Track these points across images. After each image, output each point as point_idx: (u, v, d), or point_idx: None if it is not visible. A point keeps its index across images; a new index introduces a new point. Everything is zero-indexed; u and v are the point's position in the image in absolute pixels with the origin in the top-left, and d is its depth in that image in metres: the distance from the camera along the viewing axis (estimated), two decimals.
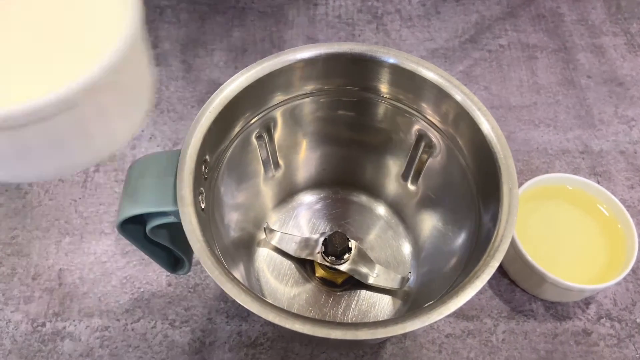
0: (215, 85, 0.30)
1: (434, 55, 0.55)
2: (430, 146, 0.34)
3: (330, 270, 0.37)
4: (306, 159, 0.39)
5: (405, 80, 0.32)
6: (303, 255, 0.38)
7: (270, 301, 0.25)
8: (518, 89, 0.53)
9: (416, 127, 0.34)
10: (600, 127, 0.50)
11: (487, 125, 0.29)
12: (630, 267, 0.37)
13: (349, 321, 0.37)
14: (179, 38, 0.55)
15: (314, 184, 0.42)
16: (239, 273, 0.34)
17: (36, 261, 0.42)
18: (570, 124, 0.51)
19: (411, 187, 0.38)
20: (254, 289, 0.36)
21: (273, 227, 0.40)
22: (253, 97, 0.32)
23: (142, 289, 0.41)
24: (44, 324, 0.39)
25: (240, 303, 0.24)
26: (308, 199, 0.42)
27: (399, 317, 0.24)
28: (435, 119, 0.33)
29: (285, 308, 0.25)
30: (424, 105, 0.33)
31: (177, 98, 0.51)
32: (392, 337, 0.39)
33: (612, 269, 0.38)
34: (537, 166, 0.48)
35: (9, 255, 0.42)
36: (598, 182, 0.46)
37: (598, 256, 0.40)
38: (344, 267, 0.37)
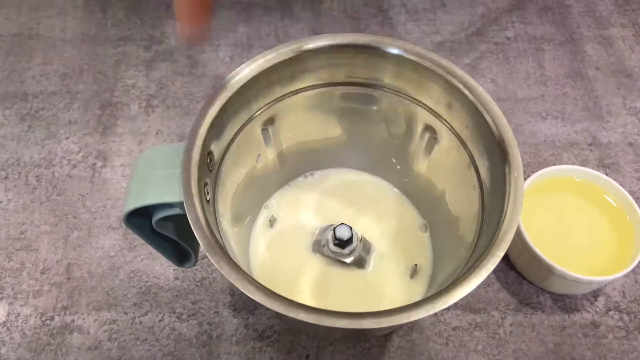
0: (221, 81, 0.31)
1: (440, 49, 0.55)
2: (435, 137, 0.34)
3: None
4: (310, 150, 0.39)
5: (410, 70, 0.32)
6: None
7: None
8: (525, 81, 0.53)
9: (421, 117, 0.34)
10: (608, 119, 0.50)
11: (492, 114, 0.29)
12: (638, 259, 0.37)
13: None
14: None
15: (319, 174, 0.42)
16: (243, 264, 0.34)
17: (45, 256, 0.42)
18: (578, 116, 0.50)
19: (416, 177, 0.38)
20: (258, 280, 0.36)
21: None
22: (257, 89, 0.32)
23: (149, 283, 0.41)
24: (52, 318, 0.40)
25: (246, 293, 0.24)
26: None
27: (403, 306, 0.24)
28: (439, 110, 0.32)
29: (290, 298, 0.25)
30: (428, 95, 0.32)
31: (183, 93, 0.51)
32: (398, 329, 0.39)
33: (621, 260, 0.38)
34: (544, 158, 0.48)
35: (17, 250, 0.43)
36: (606, 174, 0.46)
37: (606, 248, 0.39)
38: (349, 260, 0.37)
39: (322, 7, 0.58)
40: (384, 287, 0.38)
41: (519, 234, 0.38)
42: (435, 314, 0.40)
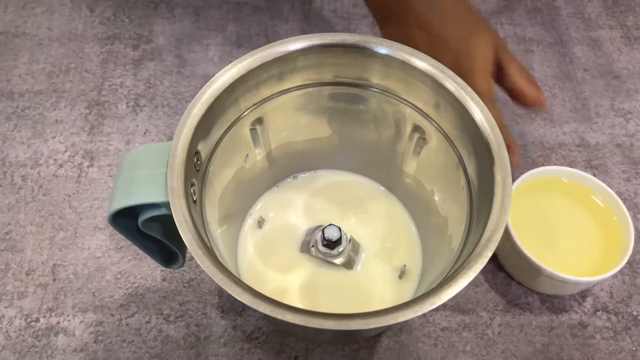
0: (209, 80, 0.30)
1: None
2: (423, 137, 0.34)
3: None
4: (299, 150, 0.39)
5: (398, 70, 0.32)
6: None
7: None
8: None
9: (409, 118, 0.34)
10: (596, 120, 0.50)
11: (480, 115, 0.29)
12: (626, 260, 0.37)
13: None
14: (174, 33, 0.55)
15: (308, 175, 0.42)
16: (231, 265, 0.34)
17: (30, 256, 0.42)
18: (566, 118, 0.50)
19: (405, 178, 0.38)
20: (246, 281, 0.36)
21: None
22: (245, 88, 0.31)
23: (136, 284, 0.41)
24: (37, 320, 0.39)
25: (232, 294, 0.24)
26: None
27: (391, 307, 0.24)
28: (428, 110, 0.32)
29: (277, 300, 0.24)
30: (417, 95, 0.32)
31: (172, 93, 0.51)
32: (387, 330, 0.39)
33: (608, 261, 0.38)
34: (533, 159, 0.48)
35: (2, 251, 0.42)
36: (594, 175, 0.46)
37: (594, 248, 0.39)
38: (338, 261, 0.37)
39: (312, 7, 0.58)
40: (373, 288, 0.38)
41: (507, 235, 0.38)
42: (424, 315, 0.40)
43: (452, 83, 0.30)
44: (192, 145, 0.28)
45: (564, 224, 0.41)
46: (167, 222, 0.29)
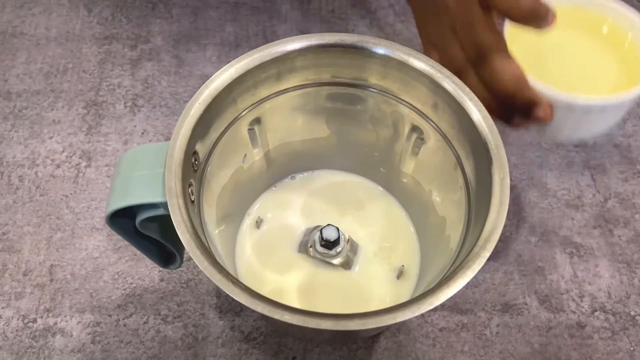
0: (207, 80, 0.30)
1: None
2: (421, 138, 0.34)
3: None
4: (297, 151, 0.39)
5: (396, 71, 0.32)
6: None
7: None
8: None
9: (407, 118, 0.34)
10: None
11: (478, 115, 0.29)
12: None
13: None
14: (172, 33, 0.55)
15: (306, 175, 0.42)
16: (229, 265, 0.34)
17: (27, 257, 0.42)
18: None
19: (403, 178, 0.38)
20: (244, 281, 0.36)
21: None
22: (243, 88, 0.31)
23: (134, 285, 0.41)
24: (35, 320, 0.39)
25: (230, 294, 0.24)
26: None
27: (389, 307, 0.24)
28: (426, 110, 0.32)
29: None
30: (415, 96, 0.32)
31: (170, 93, 0.51)
32: (385, 330, 0.39)
33: (632, 78, 0.32)
34: (531, 160, 0.48)
35: None
36: (592, 176, 0.46)
37: (610, 71, 0.33)
38: (336, 261, 0.37)
39: (311, 8, 0.58)
40: (371, 288, 0.38)
41: None
42: (422, 315, 0.40)
43: (450, 83, 0.30)
44: (190, 146, 0.28)
45: (574, 55, 0.34)
46: (164, 223, 0.29)
